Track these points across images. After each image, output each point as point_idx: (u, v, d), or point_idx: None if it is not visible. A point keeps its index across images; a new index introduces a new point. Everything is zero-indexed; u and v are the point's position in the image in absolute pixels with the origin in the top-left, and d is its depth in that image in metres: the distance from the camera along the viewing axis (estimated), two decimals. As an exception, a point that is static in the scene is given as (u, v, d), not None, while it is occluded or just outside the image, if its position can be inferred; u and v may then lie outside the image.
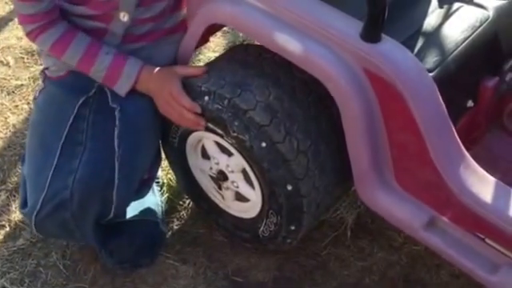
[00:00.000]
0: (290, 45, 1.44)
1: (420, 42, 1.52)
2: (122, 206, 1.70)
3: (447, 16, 1.59)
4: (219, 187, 1.77)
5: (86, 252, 1.87)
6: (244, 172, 1.66)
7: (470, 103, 1.61)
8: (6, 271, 1.84)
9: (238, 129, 1.53)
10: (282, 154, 1.50)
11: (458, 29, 1.56)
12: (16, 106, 2.39)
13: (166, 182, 2.02)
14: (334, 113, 1.50)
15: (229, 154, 1.65)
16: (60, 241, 1.89)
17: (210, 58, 2.44)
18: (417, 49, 1.50)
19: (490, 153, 1.67)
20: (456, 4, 1.63)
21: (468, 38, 1.54)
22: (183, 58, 1.69)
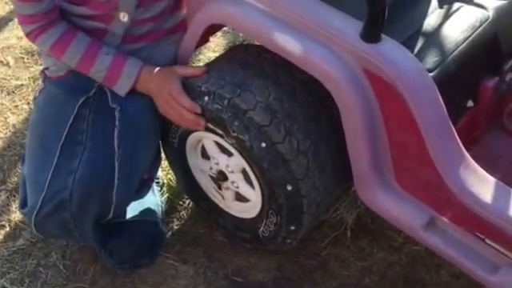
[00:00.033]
0: (290, 45, 1.44)
1: (420, 42, 1.52)
2: (121, 206, 1.70)
3: (447, 16, 1.59)
4: (219, 187, 1.77)
5: (85, 252, 1.87)
6: (244, 172, 1.65)
7: (470, 103, 1.61)
8: (5, 271, 1.84)
9: (238, 129, 1.53)
10: (282, 154, 1.50)
11: (458, 29, 1.55)
12: (16, 106, 2.38)
13: (166, 182, 2.02)
14: (333, 113, 1.50)
15: (229, 154, 1.65)
16: (60, 241, 1.89)
17: (210, 58, 2.44)
18: (417, 49, 1.50)
19: (490, 153, 1.67)
20: (456, 4, 1.62)
21: (468, 38, 1.54)
22: (183, 58, 1.69)
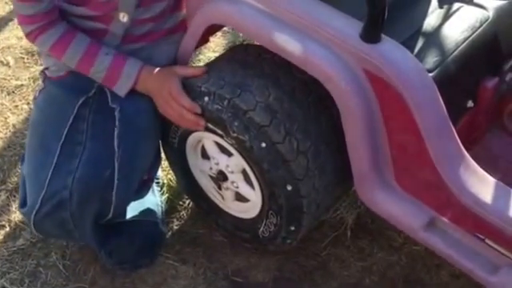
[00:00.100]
0: (290, 45, 1.44)
1: (420, 42, 1.52)
2: (121, 206, 1.70)
3: (447, 16, 1.59)
4: (219, 187, 1.77)
5: (85, 252, 1.87)
6: (244, 172, 1.65)
7: (470, 103, 1.61)
8: (5, 271, 1.84)
9: (238, 129, 1.53)
10: (282, 154, 1.50)
11: (458, 29, 1.55)
12: (16, 106, 2.38)
13: (166, 182, 2.02)
14: (333, 113, 1.50)
15: (229, 154, 1.65)
16: (60, 241, 1.89)
17: (210, 58, 2.44)
18: (417, 49, 1.50)
19: (490, 153, 1.67)
20: (456, 4, 1.62)
21: (468, 38, 1.54)
22: (183, 58, 1.69)
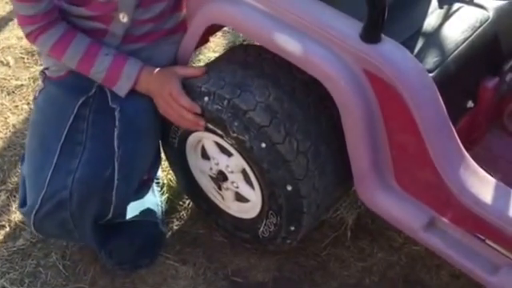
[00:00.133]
0: (290, 45, 1.44)
1: (420, 42, 1.52)
2: (121, 206, 1.70)
3: (447, 16, 1.59)
4: (219, 187, 1.77)
5: (85, 252, 1.87)
6: (244, 172, 1.65)
7: (470, 104, 1.61)
8: (5, 271, 1.84)
9: (238, 129, 1.53)
10: (282, 154, 1.50)
11: (458, 29, 1.55)
12: (16, 106, 2.39)
13: (166, 182, 2.02)
14: (333, 113, 1.50)
15: (229, 154, 1.65)
16: (60, 241, 1.89)
17: (210, 58, 2.44)
18: (417, 49, 1.50)
19: (490, 153, 1.67)
20: (456, 4, 1.62)
21: (468, 38, 1.54)
22: (183, 58, 1.69)
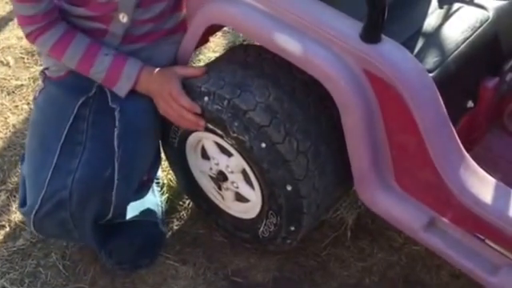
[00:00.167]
0: (290, 45, 1.44)
1: (420, 42, 1.52)
2: (121, 206, 1.70)
3: (447, 16, 1.59)
4: (219, 188, 1.77)
5: (85, 252, 1.87)
6: (244, 172, 1.65)
7: (470, 104, 1.61)
8: (5, 271, 1.84)
9: (238, 129, 1.53)
10: (282, 154, 1.50)
11: (458, 29, 1.55)
12: (16, 106, 2.38)
13: (166, 182, 2.02)
14: (333, 113, 1.50)
15: (229, 154, 1.65)
16: (60, 241, 1.89)
17: (210, 58, 2.44)
18: (417, 49, 1.50)
19: (491, 153, 1.67)
20: (456, 4, 1.62)
21: (468, 38, 1.54)
22: (183, 58, 1.69)
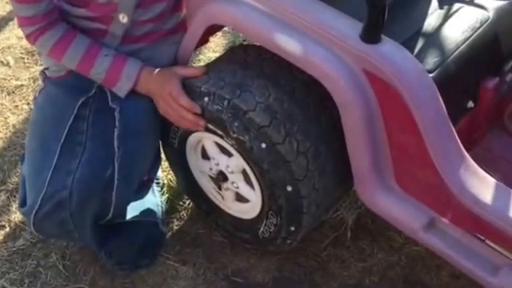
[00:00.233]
0: (290, 45, 1.44)
1: (420, 42, 1.52)
2: (120, 206, 1.70)
3: (447, 17, 1.59)
4: (219, 188, 1.77)
5: (85, 253, 1.86)
6: (244, 173, 1.65)
7: (471, 104, 1.61)
8: (5, 271, 1.84)
9: (238, 130, 1.52)
10: (282, 155, 1.50)
11: (459, 29, 1.55)
12: (16, 106, 2.38)
13: (166, 182, 2.02)
14: (334, 114, 1.50)
15: (229, 154, 1.65)
16: (60, 241, 1.89)
17: (210, 58, 2.44)
18: (417, 50, 1.50)
19: (491, 153, 1.66)
20: (456, 5, 1.62)
21: (468, 38, 1.54)
22: (183, 58, 1.69)
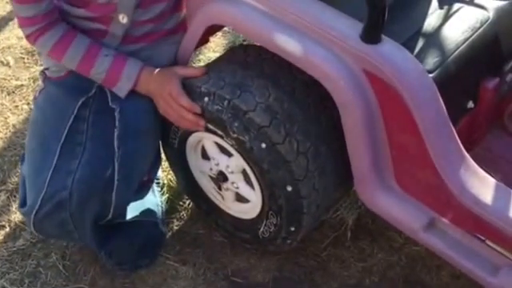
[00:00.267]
0: (290, 45, 1.44)
1: (420, 42, 1.52)
2: (120, 207, 1.70)
3: (447, 17, 1.59)
4: (219, 188, 1.77)
5: (85, 253, 1.86)
6: (244, 173, 1.65)
7: (471, 104, 1.61)
8: (5, 271, 1.84)
9: (238, 130, 1.52)
10: (282, 155, 1.50)
11: (459, 30, 1.55)
12: (16, 106, 2.38)
13: (166, 182, 2.02)
14: (333, 114, 1.50)
15: (229, 154, 1.65)
16: (60, 241, 1.89)
17: (210, 58, 2.44)
18: (417, 50, 1.50)
19: (491, 154, 1.66)
20: (456, 5, 1.62)
21: (468, 38, 1.54)
22: (183, 58, 1.69)
